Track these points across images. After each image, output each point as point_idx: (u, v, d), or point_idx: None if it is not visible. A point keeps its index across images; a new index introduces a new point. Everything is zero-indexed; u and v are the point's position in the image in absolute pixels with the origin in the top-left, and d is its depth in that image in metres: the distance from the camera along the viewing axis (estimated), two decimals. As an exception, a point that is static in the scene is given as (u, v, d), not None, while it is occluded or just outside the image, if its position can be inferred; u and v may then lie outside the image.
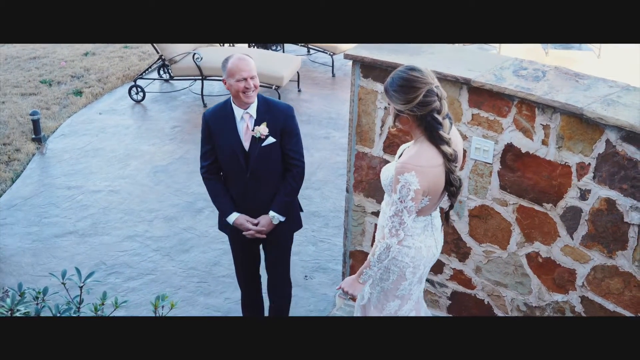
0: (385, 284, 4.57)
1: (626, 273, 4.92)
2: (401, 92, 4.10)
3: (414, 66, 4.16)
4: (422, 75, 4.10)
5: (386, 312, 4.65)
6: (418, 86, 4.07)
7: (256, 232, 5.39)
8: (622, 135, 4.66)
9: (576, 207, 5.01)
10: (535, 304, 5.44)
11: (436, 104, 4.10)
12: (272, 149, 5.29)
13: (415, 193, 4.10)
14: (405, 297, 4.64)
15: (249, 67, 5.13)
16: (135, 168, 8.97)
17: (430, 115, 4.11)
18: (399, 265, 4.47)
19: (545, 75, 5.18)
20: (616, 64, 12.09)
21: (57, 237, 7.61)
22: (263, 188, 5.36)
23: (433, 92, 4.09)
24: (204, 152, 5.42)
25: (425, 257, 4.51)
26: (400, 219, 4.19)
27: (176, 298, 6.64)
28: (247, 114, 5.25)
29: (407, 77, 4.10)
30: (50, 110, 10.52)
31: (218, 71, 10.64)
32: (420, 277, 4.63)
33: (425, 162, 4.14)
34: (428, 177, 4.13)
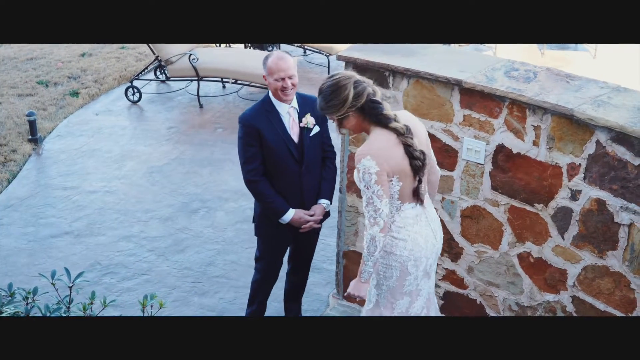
0: (390, 281, 4.57)
1: (617, 273, 4.94)
2: (334, 96, 4.33)
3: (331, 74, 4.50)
4: (342, 74, 4.40)
5: (397, 311, 4.64)
6: (344, 83, 4.33)
7: (314, 222, 5.51)
8: (612, 136, 4.69)
9: (567, 207, 5.04)
10: (527, 304, 5.47)
11: (368, 90, 4.34)
12: (318, 138, 5.49)
13: (377, 175, 4.20)
14: (413, 294, 4.65)
15: (287, 67, 5.26)
16: (131, 169, 9.00)
17: (368, 102, 4.31)
18: (399, 259, 4.50)
19: (537, 76, 5.21)
20: (612, 65, 12.11)
21: (53, 238, 7.64)
22: (312, 179, 5.51)
23: (359, 81, 4.36)
24: (249, 156, 5.37)
25: (425, 248, 4.54)
26: (374, 207, 4.26)
27: (171, 298, 6.68)
28: (292, 108, 5.40)
29: (332, 83, 4.36)
30: (47, 111, 10.55)
31: (214, 72, 10.70)
32: (425, 271, 4.64)
33: (378, 144, 4.30)
34: (384, 158, 4.24)
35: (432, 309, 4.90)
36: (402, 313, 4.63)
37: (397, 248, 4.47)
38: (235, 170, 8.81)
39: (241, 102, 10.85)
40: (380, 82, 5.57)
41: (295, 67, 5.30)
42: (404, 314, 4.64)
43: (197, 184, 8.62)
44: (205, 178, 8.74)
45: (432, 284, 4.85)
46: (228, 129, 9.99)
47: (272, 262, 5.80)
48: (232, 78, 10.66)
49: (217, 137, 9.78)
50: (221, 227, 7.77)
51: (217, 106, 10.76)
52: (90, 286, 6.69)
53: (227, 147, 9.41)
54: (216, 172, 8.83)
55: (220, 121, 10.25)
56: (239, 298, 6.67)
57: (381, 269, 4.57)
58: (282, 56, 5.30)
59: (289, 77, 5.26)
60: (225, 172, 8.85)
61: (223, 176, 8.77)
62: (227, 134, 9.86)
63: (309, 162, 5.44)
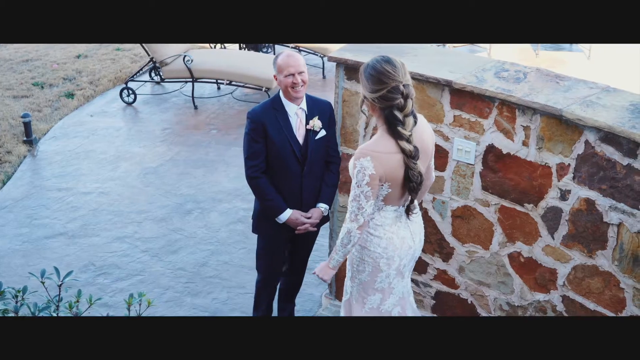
0: (362, 275, 4.64)
1: (606, 272, 4.96)
2: (370, 80, 4.25)
3: (391, 59, 4.28)
4: (393, 70, 4.21)
5: (368, 306, 4.70)
6: (385, 81, 4.20)
7: (310, 225, 5.51)
8: (601, 136, 4.71)
9: (557, 207, 5.06)
10: (518, 304, 5.49)
11: (398, 102, 4.21)
12: (323, 142, 5.47)
13: (370, 178, 4.22)
14: (386, 291, 4.69)
15: (297, 63, 5.26)
16: (125, 170, 9.02)
17: (389, 110, 4.23)
18: (371, 255, 4.55)
19: (526, 76, 5.23)
20: (606, 65, 12.14)
21: (47, 239, 7.66)
22: (314, 182, 5.51)
23: (398, 89, 4.21)
24: (252, 152, 5.38)
25: (400, 249, 4.58)
26: (359, 204, 4.30)
27: (164, 298, 6.70)
28: (300, 110, 5.39)
29: (379, 69, 4.23)
30: (42, 113, 10.57)
31: (208, 73, 10.71)
32: (399, 270, 4.68)
33: (382, 149, 4.27)
34: (383, 163, 4.24)
35: (408, 308, 4.91)
36: (372, 308, 4.68)
37: (372, 244, 4.53)
38: (229, 171, 8.85)
39: (236, 104, 10.87)
40: (371, 82, 5.59)
41: (305, 65, 5.30)
42: (374, 310, 4.68)
43: (191, 185, 8.64)
44: (199, 179, 8.76)
45: (407, 284, 4.89)
46: (222, 130, 10.02)
47: (270, 260, 5.80)
48: (227, 79, 10.68)
49: (211, 138, 9.80)
50: (215, 228, 7.79)
51: (212, 107, 10.78)
52: (84, 287, 6.70)
53: (221, 148, 9.44)
54: (210, 173, 8.85)
55: (215, 122, 10.27)
56: (232, 298, 6.70)
57: (355, 262, 4.65)
58: (292, 53, 5.34)
59: (299, 72, 5.26)
60: (219, 173, 8.87)
61: (217, 177, 8.79)
62: (221, 135, 9.88)
63: (312, 164, 5.44)
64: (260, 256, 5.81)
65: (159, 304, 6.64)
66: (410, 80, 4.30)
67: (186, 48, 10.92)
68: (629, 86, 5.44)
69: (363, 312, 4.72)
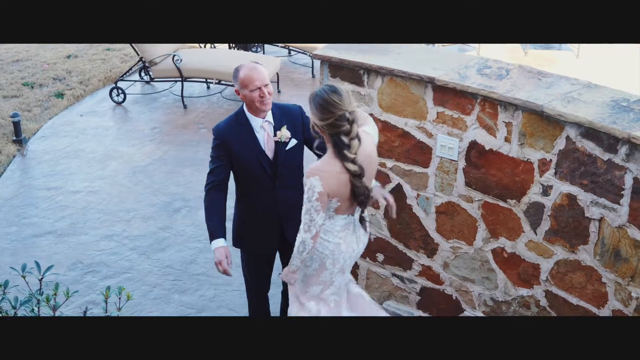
0: (308, 270, 4.91)
1: (588, 267, 5.01)
2: (318, 110, 4.52)
3: (337, 89, 4.55)
4: (340, 100, 4.48)
5: (309, 294, 4.98)
6: (333, 110, 4.47)
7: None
8: (582, 132, 4.75)
9: (539, 202, 5.10)
10: (502, 299, 5.53)
11: (345, 128, 4.49)
12: (296, 151, 5.29)
13: (319, 195, 4.52)
14: (327, 283, 4.96)
15: (261, 76, 5.08)
16: (114, 169, 9.04)
17: (337, 136, 4.51)
18: (320, 255, 4.83)
19: (509, 73, 5.27)
20: (595, 64, 12.18)
21: (36, 237, 7.67)
22: (290, 193, 5.27)
23: (345, 117, 4.47)
24: (214, 168, 5.28)
25: (345, 252, 4.87)
26: (310, 217, 4.61)
27: (151, 296, 6.73)
28: (266, 122, 5.20)
29: (327, 99, 4.49)
30: (32, 112, 10.57)
31: (197, 73, 10.73)
32: (342, 268, 4.94)
33: (330, 169, 4.56)
34: (330, 182, 4.53)
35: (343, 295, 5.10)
36: (313, 296, 4.97)
37: (321, 246, 4.80)
38: (217, 169, 8.85)
39: (225, 103, 10.89)
40: (355, 80, 5.63)
41: (268, 77, 5.14)
42: (315, 297, 4.97)
43: (180, 183, 8.66)
44: (187, 177, 8.78)
45: (347, 276, 5.12)
46: (211, 129, 10.01)
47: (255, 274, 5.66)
48: (216, 79, 10.70)
49: (200, 137, 9.82)
50: (202, 226, 7.73)
51: (201, 107, 10.80)
52: (72, 284, 6.77)
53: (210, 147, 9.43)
54: (198, 172, 8.85)
55: (204, 121, 10.29)
56: (219, 295, 6.73)
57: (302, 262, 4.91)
58: (254, 67, 5.13)
59: (265, 85, 5.08)
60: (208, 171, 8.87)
61: (205, 175, 8.75)
62: (210, 134, 9.80)
63: (284, 177, 5.25)
64: (245, 269, 5.67)
65: (146, 302, 6.67)
66: (355, 106, 4.56)
67: (175, 48, 10.94)
68: (616, 84, 5.47)
69: (304, 298, 4.99)
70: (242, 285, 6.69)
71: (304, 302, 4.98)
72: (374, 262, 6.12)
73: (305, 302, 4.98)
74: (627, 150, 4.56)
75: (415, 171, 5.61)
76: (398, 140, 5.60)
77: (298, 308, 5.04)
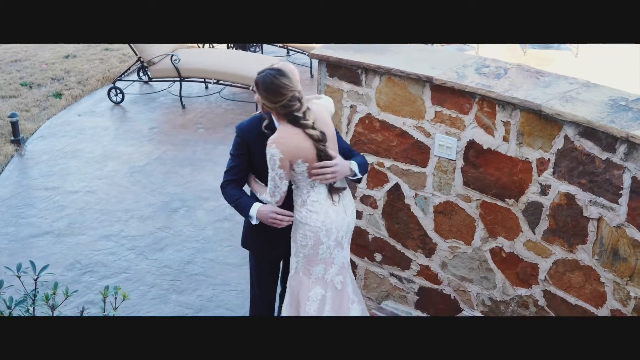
0: (306, 249, 4.98)
1: (586, 267, 4.99)
2: (269, 94, 4.68)
3: (284, 71, 4.69)
4: (289, 82, 4.66)
5: (314, 276, 5.03)
6: (284, 92, 4.64)
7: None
8: (580, 131, 4.74)
9: (537, 202, 5.09)
10: (500, 299, 5.51)
11: (296, 106, 4.68)
12: None
13: (280, 161, 4.70)
14: (328, 261, 5.02)
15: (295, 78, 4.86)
16: (112, 169, 9.03)
17: (290, 114, 4.70)
18: (312, 230, 4.91)
19: (507, 72, 5.26)
20: (594, 63, 12.17)
21: (34, 237, 7.67)
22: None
23: (295, 97, 4.67)
24: (232, 167, 5.09)
25: (335, 220, 4.95)
26: (275, 184, 4.81)
27: (149, 296, 6.73)
28: None
29: (277, 83, 4.65)
30: (30, 112, 10.56)
31: (195, 72, 10.73)
32: (337, 241, 4.99)
33: (283, 134, 4.73)
34: (288, 147, 4.70)
35: (347, 277, 5.18)
36: (318, 278, 5.03)
37: (311, 219, 4.91)
38: (216, 169, 8.85)
39: (223, 102, 10.89)
40: (353, 79, 5.62)
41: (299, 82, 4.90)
42: (320, 280, 5.03)
43: (178, 183, 8.66)
44: (185, 177, 8.77)
45: (347, 254, 5.16)
46: (210, 129, 10.04)
47: (264, 281, 5.48)
48: (214, 78, 10.70)
49: (198, 137, 9.82)
50: (201, 226, 7.81)
51: (200, 106, 10.80)
52: (70, 285, 6.65)
53: (208, 147, 9.46)
54: (197, 172, 8.87)
55: (202, 121, 10.29)
56: (217, 295, 6.72)
57: (299, 238, 4.99)
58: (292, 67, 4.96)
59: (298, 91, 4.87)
60: (206, 171, 8.89)
61: (203, 175, 8.80)
62: (208, 133, 9.91)
63: None
64: (253, 275, 5.50)
65: (144, 302, 6.67)
66: (299, 84, 4.72)
67: (174, 48, 10.94)
68: (616, 84, 5.46)
69: (310, 282, 5.03)
70: (240, 285, 6.74)
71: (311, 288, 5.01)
72: (372, 262, 6.11)
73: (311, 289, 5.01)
74: (626, 150, 4.55)
75: (413, 171, 5.60)
76: (396, 139, 5.59)
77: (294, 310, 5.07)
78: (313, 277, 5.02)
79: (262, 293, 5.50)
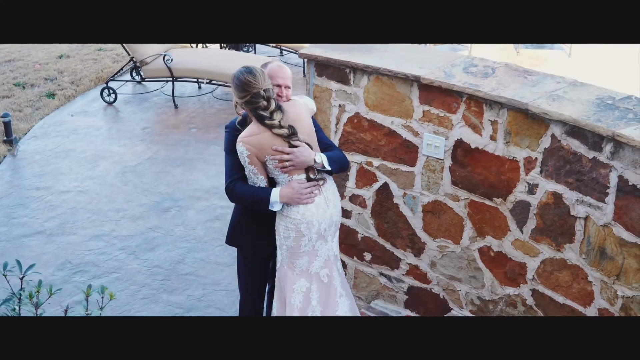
0: (288, 242, 5.01)
1: (574, 266, 4.99)
2: (237, 89, 4.86)
3: (252, 69, 4.85)
4: (254, 79, 4.80)
5: (298, 269, 5.06)
6: (248, 89, 4.80)
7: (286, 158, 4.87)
8: (567, 130, 4.74)
9: (525, 201, 5.09)
10: (489, 298, 5.52)
11: (261, 104, 4.80)
12: None
13: (249, 158, 4.85)
14: (311, 253, 5.05)
15: (286, 76, 5.03)
16: (104, 169, 9.03)
17: (255, 111, 4.83)
18: (293, 222, 4.97)
19: (495, 72, 5.27)
20: (587, 63, 12.19)
21: (25, 237, 7.66)
22: None
23: (259, 94, 4.79)
24: (232, 164, 5.01)
25: (316, 213, 4.98)
26: (251, 180, 4.93)
27: (140, 295, 6.72)
28: None
29: (242, 79, 4.82)
30: (23, 113, 10.56)
31: (188, 72, 10.73)
32: (319, 233, 5.02)
33: (249, 133, 4.88)
34: (254, 145, 4.83)
35: (334, 270, 5.19)
36: (302, 271, 5.06)
37: (291, 212, 4.96)
38: (207, 169, 8.88)
39: (216, 102, 10.89)
40: (341, 79, 5.62)
41: (291, 80, 5.05)
42: (304, 272, 5.06)
43: (169, 183, 8.66)
44: (177, 177, 8.77)
45: (333, 248, 5.17)
46: (202, 128, 10.04)
47: (252, 278, 5.42)
48: (207, 78, 10.70)
49: (191, 136, 9.82)
50: (192, 226, 7.81)
51: (192, 106, 10.80)
52: (60, 284, 6.78)
53: (201, 147, 9.46)
54: (188, 172, 8.87)
55: (195, 121, 10.29)
56: (207, 295, 6.72)
57: (281, 231, 5.04)
58: (282, 65, 5.10)
59: (286, 87, 4.99)
60: (198, 171, 8.89)
61: (195, 175, 8.81)
62: (201, 133, 9.91)
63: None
64: (241, 273, 5.44)
65: (135, 301, 6.66)
66: (270, 84, 4.85)
67: (166, 47, 10.94)
68: (608, 83, 5.47)
69: (294, 275, 5.06)
70: (230, 285, 6.74)
71: (295, 281, 5.03)
72: (361, 261, 6.11)
73: (295, 281, 5.03)
74: (612, 148, 4.55)
75: (401, 170, 5.60)
76: (384, 139, 5.59)
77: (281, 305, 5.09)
78: (297, 270, 5.04)
79: (250, 293, 5.47)
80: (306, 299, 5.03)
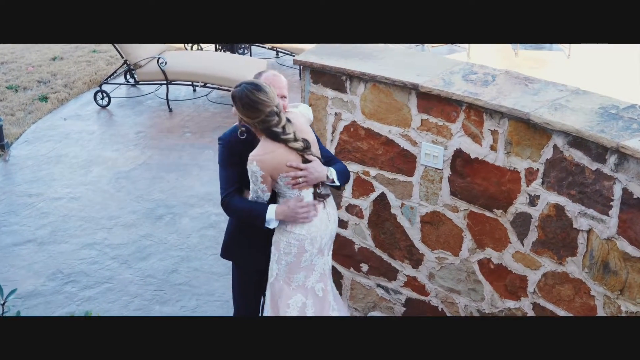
0: (289, 257, 4.88)
1: (576, 280, 4.87)
2: (247, 109, 4.58)
3: (261, 86, 4.59)
4: (266, 97, 4.55)
5: (295, 284, 4.95)
6: (261, 109, 4.54)
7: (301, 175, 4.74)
8: (569, 141, 4.62)
9: (526, 213, 4.97)
10: (488, 311, 5.40)
11: (275, 121, 4.59)
12: None
13: (262, 177, 4.64)
14: (308, 268, 4.95)
15: (282, 85, 4.89)
16: (97, 174, 8.89)
17: (269, 130, 4.60)
18: (297, 238, 4.83)
19: (495, 79, 5.14)
20: (586, 64, 12.07)
21: (16, 246, 7.52)
22: None
23: (273, 112, 4.57)
24: (227, 176, 4.90)
25: (320, 229, 4.87)
26: (256, 195, 4.75)
27: (132, 307, 6.59)
28: None
29: (254, 99, 4.55)
30: (15, 117, 10.43)
31: (182, 75, 10.60)
32: (320, 248, 4.92)
33: (263, 151, 4.65)
34: (267, 163, 4.62)
35: (328, 283, 5.13)
36: (299, 286, 4.95)
37: (296, 227, 4.82)
38: (202, 175, 8.75)
39: (211, 106, 10.76)
40: (337, 86, 5.50)
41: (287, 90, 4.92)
42: (300, 287, 4.96)
43: (163, 189, 8.52)
44: (171, 183, 8.64)
45: (327, 261, 5.10)
46: (197, 133, 9.91)
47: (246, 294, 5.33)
48: (201, 81, 10.58)
49: (185, 141, 9.69)
50: (186, 234, 7.67)
51: (187, 110, 10.67)
52: (51, 295, 6.69)
53: (195, 152, 9.33)
54: (183, 178, 8.74)
55: (189, 125, 10.16)
56: (200, 306, 6.58)
57: (282, 246, 4.89)
58: (277, 74, 4.93)
59: (282, 96, 4.82)
60: (192, 177, 8.76)
61: (189, 181, 8.67)
62: (195, 138, 9.77)
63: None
64: (235, 287, 5.34)
65: (127, 313, 6.53)
66: (277, 98, 4.62)
67: (160, 50, 10.82)
68: (608, 85, 5.36)
69: (291, 290, 4.96)
70: (224, 296, 6.62)
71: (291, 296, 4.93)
72: (358, 273, 5.99)
73: (292, 297, 4.93)
74: (616, 160, 4.43)
75: (399, 180, 5.47)
76: (382, 148, 5.47)
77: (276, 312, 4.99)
78: (294, 285, 4.94)
79: (245, 308, 5.36)
80: (301, 314, 4.93)
